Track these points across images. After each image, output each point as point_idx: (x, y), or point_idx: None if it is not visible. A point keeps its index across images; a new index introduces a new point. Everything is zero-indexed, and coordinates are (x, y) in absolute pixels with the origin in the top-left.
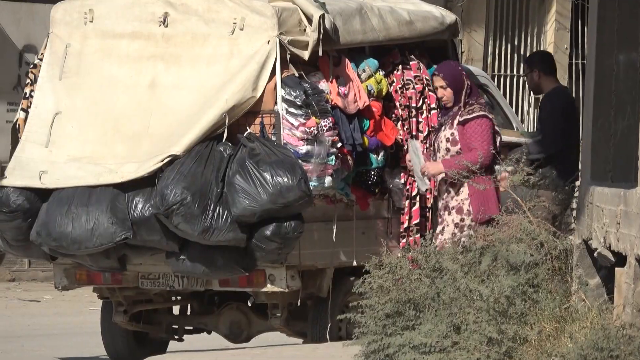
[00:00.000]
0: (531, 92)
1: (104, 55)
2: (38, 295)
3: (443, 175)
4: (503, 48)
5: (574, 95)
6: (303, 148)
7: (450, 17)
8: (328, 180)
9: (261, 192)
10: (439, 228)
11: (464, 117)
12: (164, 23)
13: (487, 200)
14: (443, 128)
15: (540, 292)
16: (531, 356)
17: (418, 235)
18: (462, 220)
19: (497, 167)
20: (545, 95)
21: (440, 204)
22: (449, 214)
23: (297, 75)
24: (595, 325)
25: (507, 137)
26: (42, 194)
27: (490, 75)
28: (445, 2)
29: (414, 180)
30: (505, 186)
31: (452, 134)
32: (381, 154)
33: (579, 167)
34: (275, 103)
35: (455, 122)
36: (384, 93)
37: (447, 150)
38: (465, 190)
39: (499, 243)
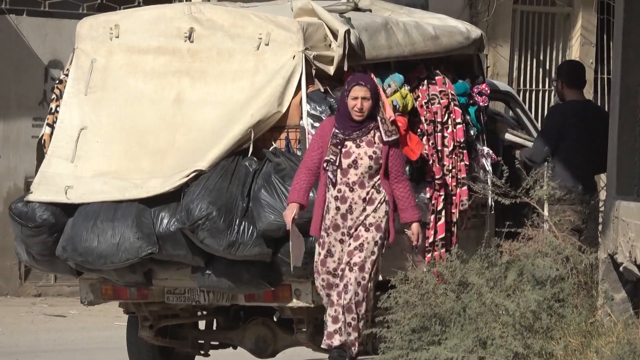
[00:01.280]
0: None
1: (129, 70)
2: (64, 310)
3: (361, 196)
4: (528, 63)
5: None
6: None
7: (475, 32)
8: None
9: None
10: (353, 244)
11: (392, 138)
12: (189, 38)
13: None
14: (356, 144)
15: (566, 307)
16: None
17: (443, 249)
18: (381, 238)
19: None
20: (556, 106)
21: (350, 221)
22: (367, 230)
23: (322, 90)
24: (621, 340)
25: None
26: (68, 209)
27: (515, 90)
28: (470, 17)
29: (440, 195)
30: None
31: (374, 152)
32: (407, 168)
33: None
34: (301, 118)
35: (376, 139)
36: (409, 108)
37: (370, 167)
38: (383, 208)
39: (524, 257)
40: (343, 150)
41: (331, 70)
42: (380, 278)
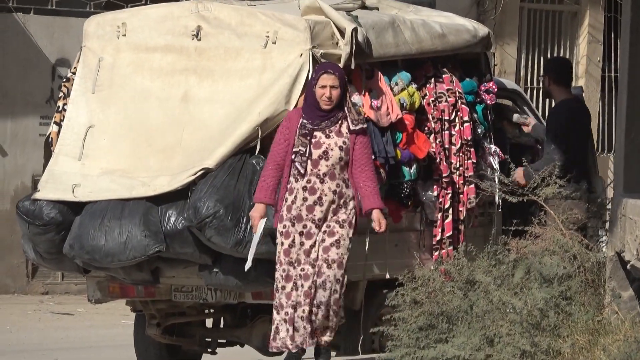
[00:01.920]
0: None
1: (136, 68)
2: (71, 308)
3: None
4: (535, 61)
5: (606, 108)
6: None
7: (482, 30)
8: None
9: None
10: (329, 240)
11: (359, 127)
12: (196, 37)
13: None
14: (326, 134)
15: (574, 305)
16: None
17: (451, 247)
18: (351, 234)
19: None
20: (555, 107)
21: (318, 213)
22: (341, 227)
23: None
24: (629, 338)
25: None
26: (75, 207)
27: (522, 88)
28: (478, 15)
29: (447, 193)
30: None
31: (344, 143)
32: (413, 166)
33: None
34: None
35: (344, 129)
36: (416, 106)
37: (340, 159)
38: (352, 203)
39: (531, 255)
40: (313, 140)
41: None
42: (388, 276)
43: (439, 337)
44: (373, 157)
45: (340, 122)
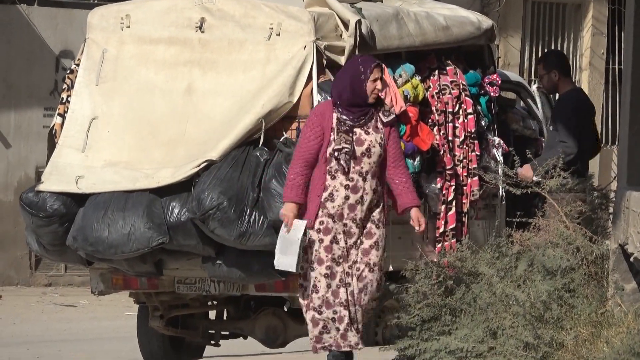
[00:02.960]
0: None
1: (140, 60)
2: (74, 300)
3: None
4: (539, 53)
5: (610, 100)
6: None
7: (486, 22)
8: None
9: None
10: (367, 242)
11: (392, 117)
12: (200, 29)
13: None
14: (365, 130)
15: (577, 297)
16: None
17: (454, 240)
18: (384, 233)
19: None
20: (564, 97)
21: (359, 212)
22: (377, 227)
23: (333, 80)
24: (632, 330)
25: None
26: (79, 199)
27: (526, 81)
28: (481, 7)
29: (451, 185)
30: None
31: (381, 139)
32: (417, 159)
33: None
34: (312, 108)
35: (379, 124)
36: (420, 98)
37: (380, 156)
38: (383, 201)
39: (535, 248)
40: (354, 137)
41: (342, 60)
42: (391, 268)
43: (442, 329)
44: None
45: (374, 117)
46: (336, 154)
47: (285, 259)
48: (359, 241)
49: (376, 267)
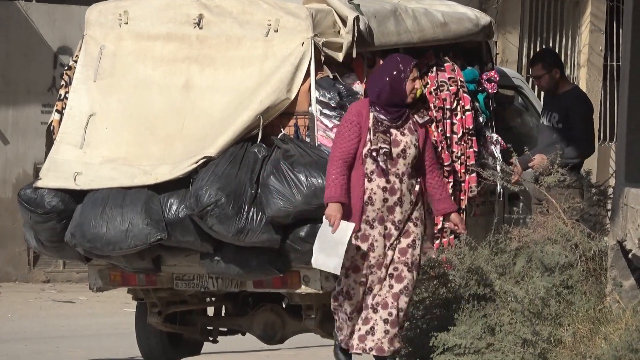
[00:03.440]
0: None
1: (138, 57)
2: (72, 296)
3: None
4: (537, 50)
5: (608, 97)
6: None
7: (484, 18)
8: None
9: (295, 193)
10: (404, 241)
11: (427, 118)
12: (198, 25)
13: None
14: (401, 132)
15: (575, 294)
16: (566, 357)
17: (452, 236)
18: (422, 232)
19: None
20: (572, 95)
21: (398, 214)
22: (415, 225)
23: (331, 76)
24: (630, 327)
25: None
26: (77, 196)
27: (524, 77)
28: (480, 3)
29: (449, 182)
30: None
31: (417, 140)
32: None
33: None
34: (310, 104)
35: (414, 125)
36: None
37: (415, 157)
38: (421, 200)
39: (533, 244)
40: (390, 138)
41: (340, 56)
42: None
43: (440, 326)
44: None
45: (409, 118)
46: (374, 154)
47: (329, 260)
48: (396, 241)
49: (414, 267)
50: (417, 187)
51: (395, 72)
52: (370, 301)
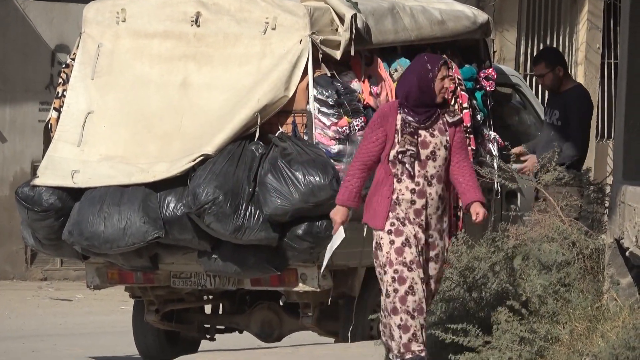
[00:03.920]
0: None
1: (136, 54)
2: (70, 294)
3: (435, 195)
4: (535, 47)
5: (606, 95)
6: (335, 147)
7: (482, 16)
8: None
9: (293, 192)
10: (431, 253)
11: (457, 118)
12: (196, 23)
13: None
14: (430, 133)
15: (572, 292)
16: (563, 355)
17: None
18: (446, 244)
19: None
20: (574, 93)
21: (424, 217)
22: (441, 238)
23: (329, 74)
24: (627, 325)
25: None
26: (74, 193)
27: (522, 75)
28: (477, 1)
29: None
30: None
31: (447, 141)
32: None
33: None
34: (308, 102)
35: (444, 125)
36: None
37: (445, 159)
38: (447, 210)
39: (530, 242)
40: (419, 139)
41: (338, 54)
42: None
43: (437, 324)
44: None
45: (440, 118)
46: (400, 156)
47: (327, 253)
48: (423, 250)
49: (432, 280)
50: (445, 193)
51: (423, 72)
52: (408, 304)
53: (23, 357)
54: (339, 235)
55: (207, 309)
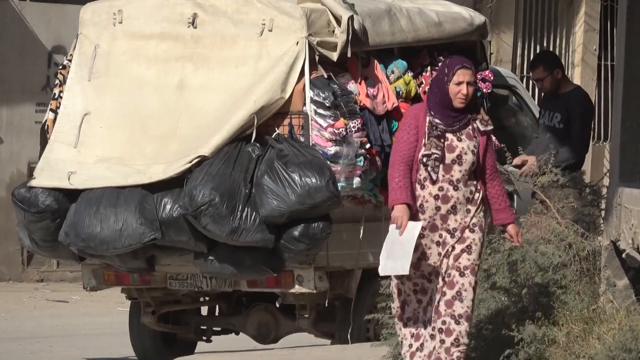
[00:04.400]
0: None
1: (132, 56)
2: (66, 295)
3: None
4: (532, 49)
5: (602, 96)
6: (331, 149)
7: (479, 18)
8: (356, 181)
9: (289, 193)
10: (459, 247)
11: (489, 127)
12: (192, 24)
13: None
14: (457, 137)
15: (569, 293)
16: (559, 357)
17: None
18: (482, 238)
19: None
20: (575, 96)
21: (452, 222)
22: (472, 231)
23: (325, 76)
24: (624, 327)
25: None
26: (71, 195)
27: (518, 77)
28: (474, 3)
29: None
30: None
31: (475, 146)
32: None
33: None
34: (304, 104)
35: (474, 132)
36: (412, 94)
37: (472, 164)
38: (482, 208)
39: (527, 244)
40: (445, 143)
41: (334, 56)
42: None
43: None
44: (369, 145)
45: (471, 123)
46: (424, 159)
47: (395, 263)
48: (451, 248)
49: (467, 271)
50: (476, 195)
51: (440, 75)
52: (431, 313)
53: (19, 359)
54: (416, 226)
55: (204, 310)
